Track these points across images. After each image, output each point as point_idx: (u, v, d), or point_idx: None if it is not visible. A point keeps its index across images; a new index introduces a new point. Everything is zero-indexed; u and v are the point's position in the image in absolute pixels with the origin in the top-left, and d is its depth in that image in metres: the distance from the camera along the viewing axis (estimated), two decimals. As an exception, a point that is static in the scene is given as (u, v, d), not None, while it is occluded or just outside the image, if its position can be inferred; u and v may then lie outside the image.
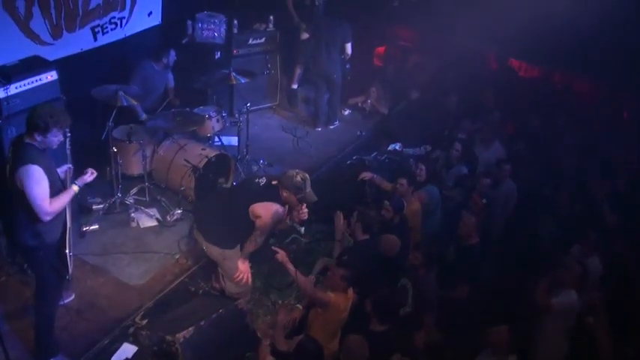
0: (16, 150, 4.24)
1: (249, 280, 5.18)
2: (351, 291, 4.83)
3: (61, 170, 4.69)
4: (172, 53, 7.01)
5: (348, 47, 8.34)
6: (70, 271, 4.66)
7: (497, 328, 4.53)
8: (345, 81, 8.86)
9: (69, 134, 4.68)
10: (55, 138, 4.26)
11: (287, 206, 5.10)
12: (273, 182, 4.91)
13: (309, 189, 4.86)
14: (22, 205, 4.22)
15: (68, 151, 4.70)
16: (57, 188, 4.37)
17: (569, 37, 7.83)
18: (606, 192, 6.66)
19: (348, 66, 8.90)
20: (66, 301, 5.20)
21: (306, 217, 4.97)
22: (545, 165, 7.37)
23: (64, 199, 4.35)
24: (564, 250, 5.79)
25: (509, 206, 6.73)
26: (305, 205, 4.94)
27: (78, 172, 4.69)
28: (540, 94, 8.53)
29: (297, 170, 4.88)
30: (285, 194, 4.85)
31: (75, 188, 4.46)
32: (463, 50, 8.95)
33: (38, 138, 4.18)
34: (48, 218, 4.23)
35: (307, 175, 4.88)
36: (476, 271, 5.58)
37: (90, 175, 4.56)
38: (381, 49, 10.07)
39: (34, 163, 4.13)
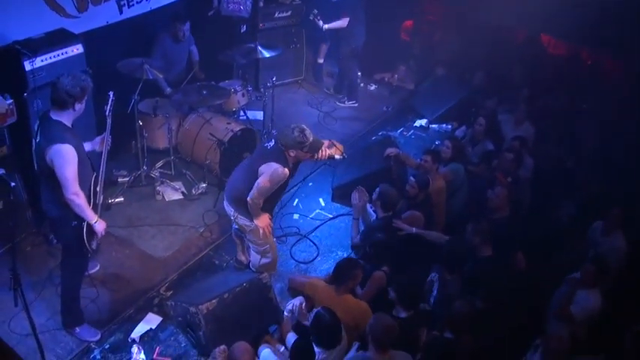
0: (45, 127, 4.19)
1: (269, 233, 5.11)
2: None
3: (96, 142, 4.67)
4: (178, 25, 6.80)
5: None
6: (96, 244, 4.65)
7: (558, 334, 4.39)
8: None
9: (113, 98, 4.58)
10: (85, 101, 4.26)
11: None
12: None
13: (311, 137, 4.74)
14: (50, 179, 4.22)
15: (109, 119, 4.60)
16: (85, 165, 4.35)
17: (598, 14, 7.50)
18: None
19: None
20: (91, 272, 5.27)
21: (325, 154, 4.86)
22: (569, 143, 7.22)
23: (85, 206, 4.33)
24: (582, 230, 5.69)
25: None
26: (322, 148, 4.83)
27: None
28: (568, 72, 8.29)
29: (292, 126, 4.74)
30: (292, 154, 4.75)
31: (94, 220, 4.44)
32: (491, 25, 8.70)
33: (77, 107, 4.17)
34: (73, 198, 4.20)
35: (303, 125, 4.76)
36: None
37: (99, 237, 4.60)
38: (408, 24, 9.89)
39: (65, 142, 4.10)
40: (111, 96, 4.57)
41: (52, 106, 4.19)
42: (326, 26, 8.15)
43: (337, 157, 4.96)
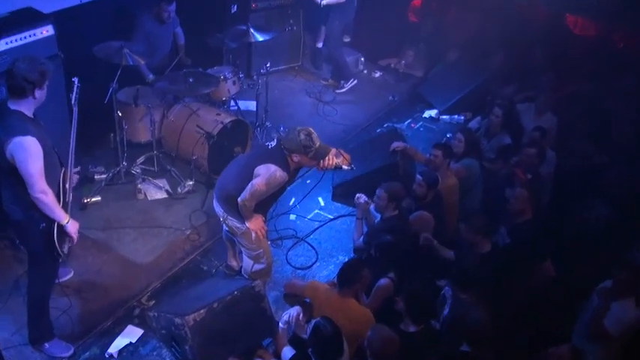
0: (3, 119, 3.95)
1: (263, 236, 4.97)
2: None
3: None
4: (163, 5, 6.55)
5: None
6: (67, 247, 4.41)
7: (559, 350, 4.09)
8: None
9: (78, 84, 4.32)
10: (46, 87, 4.04)
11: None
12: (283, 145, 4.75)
13: (318, 142, 4.59)
14: (11, 177, 4.00)
15: (75, 108, 4.32)
16: (52, 158, 4.11)
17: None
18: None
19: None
20: (63, 279, 5.06)
21: (332, 162, 4.72)
22: (600, 136, 6.98)
23: (54, 204, 4.08)
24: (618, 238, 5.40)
25: None
26: (329, 156, 4.70)
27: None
28: (597, 55, 8.07)
29: (297, 128, 4.58)
30: (295, 159, 4.60)
31: (66, 220, 4.17)
32: (510, 2, 8.50)
33: (37, 94, 3.95)
34: (40, 197, 3.98)
35: (310, 129, 4.61)
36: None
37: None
38: (417, 3, 9.71)
39: (28, 134, 3.88)
40: (76, 82, 4.31)
41: (10, 95, 3.96)
42: (324, 2, 7.92)
43: (345, 167, 4.81)
